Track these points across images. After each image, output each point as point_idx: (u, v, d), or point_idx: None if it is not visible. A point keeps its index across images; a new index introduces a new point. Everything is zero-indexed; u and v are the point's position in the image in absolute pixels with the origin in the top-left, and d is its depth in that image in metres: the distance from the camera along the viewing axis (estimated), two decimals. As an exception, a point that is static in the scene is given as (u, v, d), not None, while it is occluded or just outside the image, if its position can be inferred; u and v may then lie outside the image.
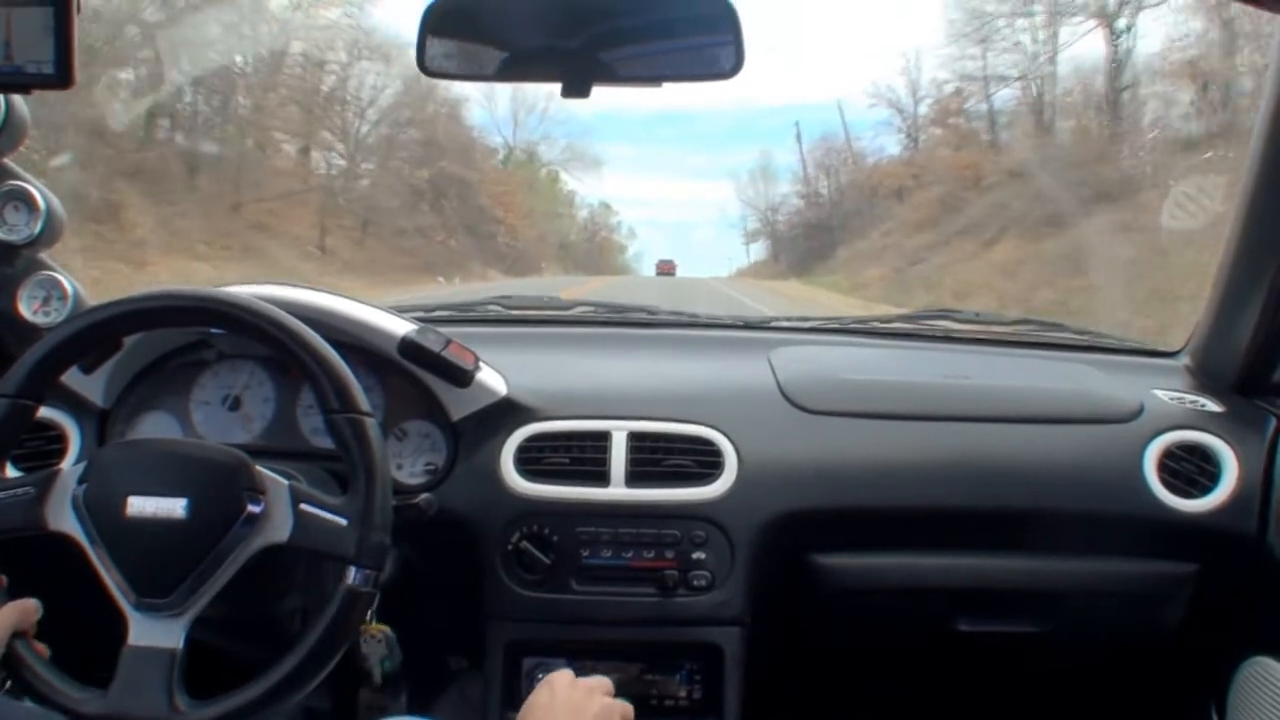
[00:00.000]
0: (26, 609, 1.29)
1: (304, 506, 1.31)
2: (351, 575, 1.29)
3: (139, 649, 1.27)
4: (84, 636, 1.52)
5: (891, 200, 32.45)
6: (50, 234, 1.75)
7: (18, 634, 1.28)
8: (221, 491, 1.29)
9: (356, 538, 1.30)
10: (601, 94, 1.27)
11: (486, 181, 35.92)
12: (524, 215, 38.46)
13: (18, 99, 1.66)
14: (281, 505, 1.31)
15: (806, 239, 39.54)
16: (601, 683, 1.25)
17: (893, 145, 36.14)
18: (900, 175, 33.24)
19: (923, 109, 33.48)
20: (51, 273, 1.78)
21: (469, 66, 1.32)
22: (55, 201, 1.74)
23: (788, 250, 42.60)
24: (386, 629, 1.68)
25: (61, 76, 1.22)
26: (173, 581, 1.26)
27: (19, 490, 1.32)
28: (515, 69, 1.29)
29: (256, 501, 1.30)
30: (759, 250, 48.46)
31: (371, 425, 1.35)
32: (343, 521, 1.30)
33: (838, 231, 35.73)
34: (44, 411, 1.56)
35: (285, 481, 1.32)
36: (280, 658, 1.28)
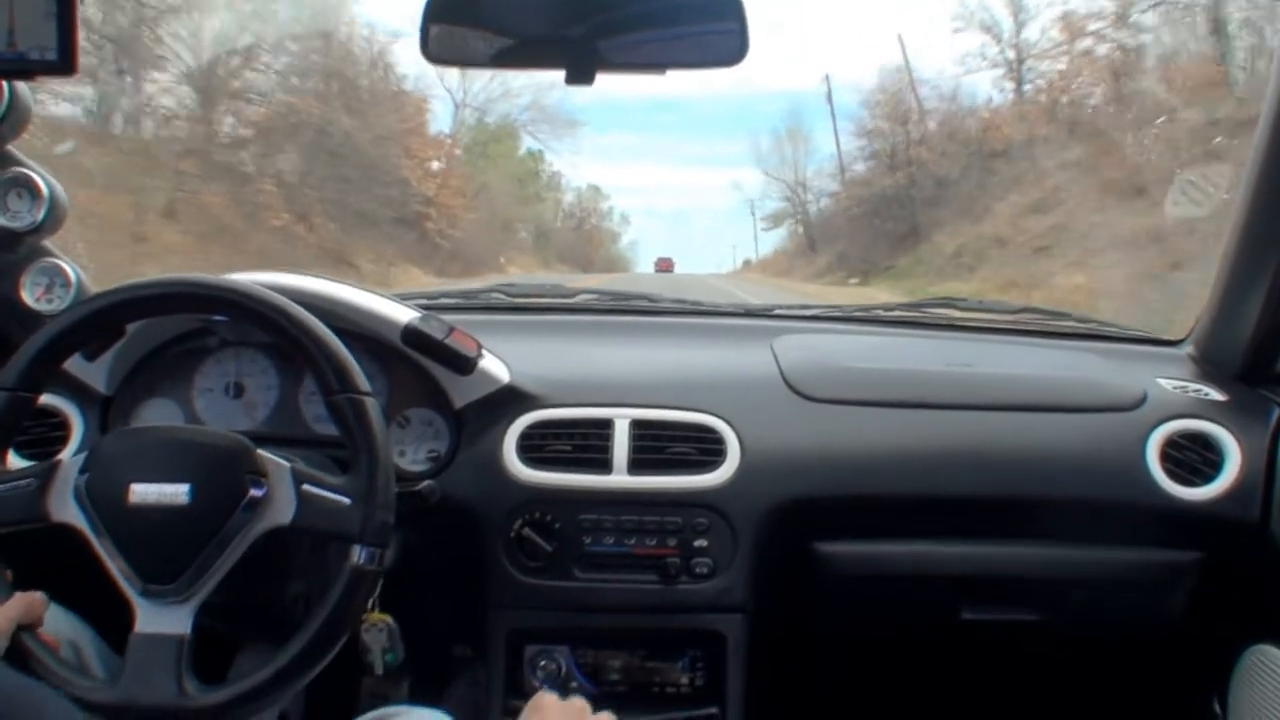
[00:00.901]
0: (32, 602, 1.29)
1: (306, 487, 1.31)
2: (356, 554, 1.29)
3: (147, 636, 1.27)
4: (92, 626, 1.53)
5: (1019, 159, 20.33)
6: (53, 221, 1.75)
7: (24, 627, 1.28)
8: (223, 476, 1.29)
9: (360, 516, 1.30)
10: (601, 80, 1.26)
11: (415, 147, 25.06)
12: (467, 195, 28.02)
13: (21, 85, 1.66)
14: (284, 487, 1.31)
15: (876, 218, 25.57)
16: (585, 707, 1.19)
17: (983, 88, 26.54)
18: (1022, 122, 21.42)
19: (1030, 34, 22.41)
20: (54, 260, 1.78)
21: (472, 54, 1.32)
22: (58, 188, 1.74)
23: (837, 238, 28.44)
24: (389, 619, 1.68)
25: (64, 62, 1.22)
26: (178, 568, 1.26)
27: (20, 482, 1.32)
28: (518, 56, 1.29)
29: (259, 485, 1.30)
30: (777, 238, 36.49)
31: (372, 405, 1.36)
32: (346, 501, 1.31)
33: (926, 208, 23.16)
34: (46, 398, 1.57)
35: (287, 464, 1.32)
36: (287, 641, 1.29)
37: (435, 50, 1.29)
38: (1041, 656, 2.04)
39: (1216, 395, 1.89)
